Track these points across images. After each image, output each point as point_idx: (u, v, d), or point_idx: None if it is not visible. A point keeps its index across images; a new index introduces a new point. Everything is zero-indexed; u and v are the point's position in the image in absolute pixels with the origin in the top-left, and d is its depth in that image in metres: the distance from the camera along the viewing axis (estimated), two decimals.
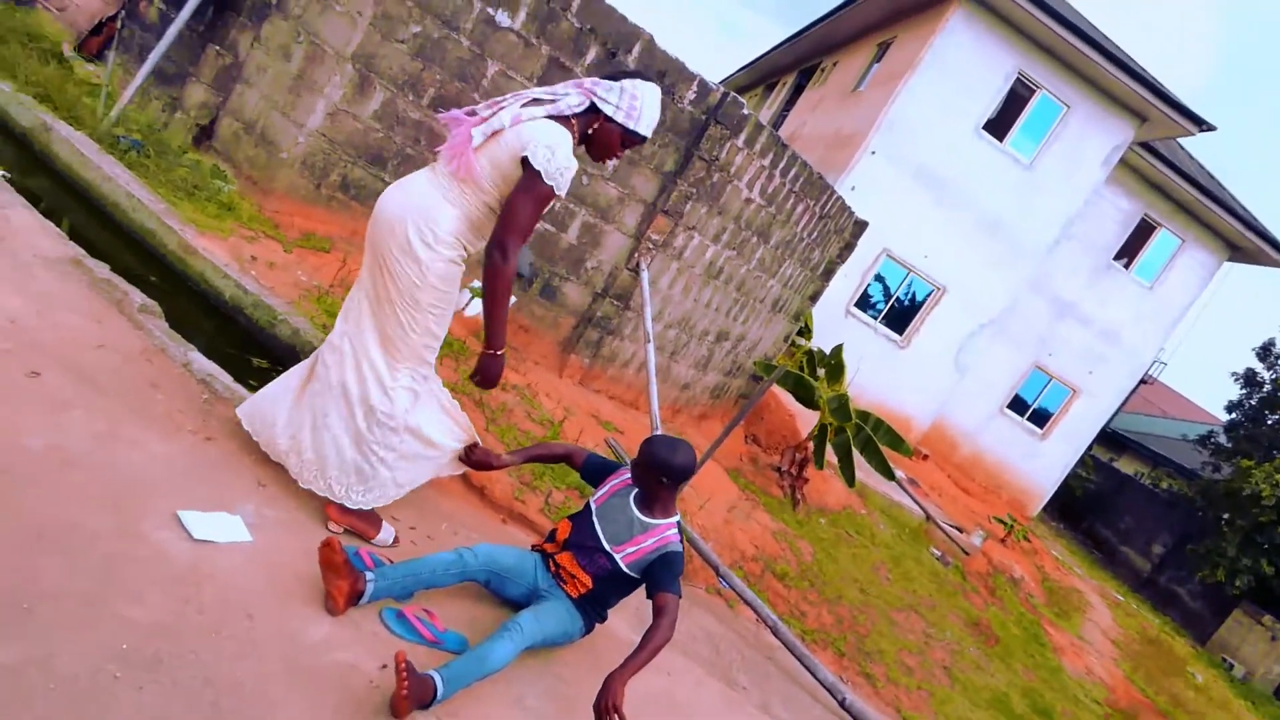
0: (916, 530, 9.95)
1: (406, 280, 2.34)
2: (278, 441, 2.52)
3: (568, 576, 2.70)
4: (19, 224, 3.02)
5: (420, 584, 2.46)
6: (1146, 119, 12.25)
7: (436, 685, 2.07)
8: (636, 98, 2.46)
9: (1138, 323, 15.35)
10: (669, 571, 2.59)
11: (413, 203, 2.33)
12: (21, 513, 1.85)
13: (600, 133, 2.47)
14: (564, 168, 2.31)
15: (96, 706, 1.55)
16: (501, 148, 2.31)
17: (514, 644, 2.34)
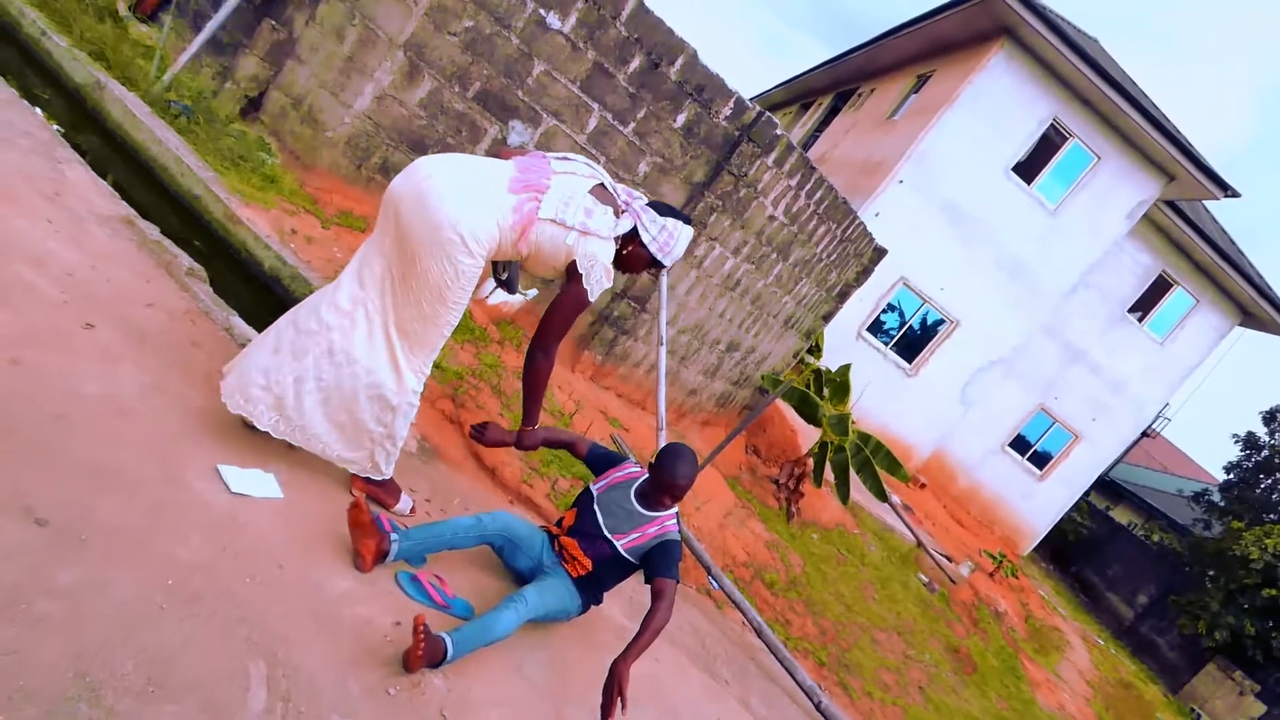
0: (906, 555, 10.06)
1: (439, 278, 2.38)
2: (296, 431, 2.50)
3: (569, 558, 2.86)
4: (74, 179, 3.19)
5: (441, 545, 2.64)
6: (1174, 178, 12.33)
7: (447, 647, 2.23)
8: (673, 237, 2.72)
9: (1145, 376, 15.41)
10: (667, 558, 2.76)
11: (464, 212, 2.35)
12: (78, 454, 2.01)
13: (632, 255, 2.71)
14: (601, 283, 2.59)
15: (145, 631, 1.71)
16: (563, 240, 2.50)
17: (518, 615, 2.50)
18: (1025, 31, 10.70)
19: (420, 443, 3.51)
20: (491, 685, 2.46)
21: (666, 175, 5.65)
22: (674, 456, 2.83)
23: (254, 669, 1.88)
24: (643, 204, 2.71)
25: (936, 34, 12.33)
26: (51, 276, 2.41)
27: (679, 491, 2.81)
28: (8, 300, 2.20)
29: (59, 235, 2.62)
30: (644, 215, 2.67)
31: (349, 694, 2.03)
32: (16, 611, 1.54)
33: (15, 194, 2.63)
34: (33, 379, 2.04)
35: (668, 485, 2.80)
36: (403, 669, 2.18)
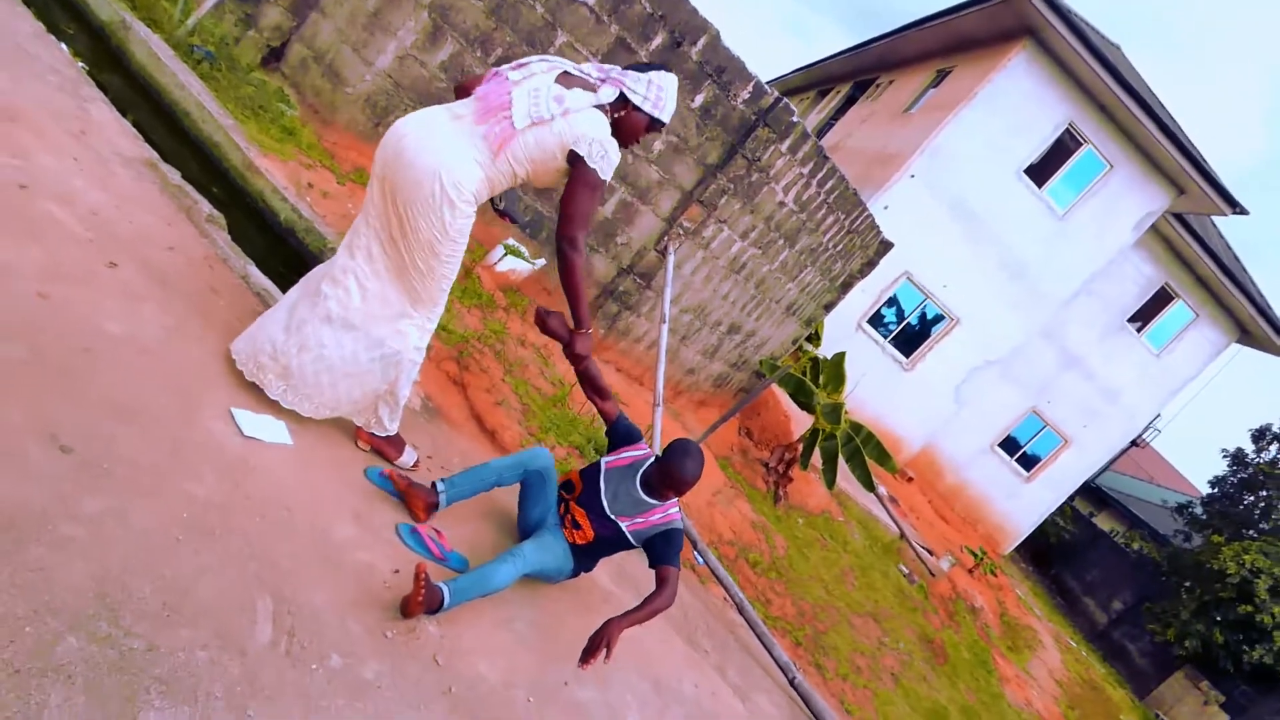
0: (889, 546, 10.22)
1: (428, 233, 2.41)
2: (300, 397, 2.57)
3: (573, 526, 2.94)
4: (99, 119, 3.23)
5: (487, 485, 2.82)
6: (1184, 191, 12.34)
7: (445, 596, 2.32)
8: (662, 89, 2.61)
9: (1139, 386, 15.52)
10: (671, 546, 2.84)
11: (443, 160, 2.35)
12: (101, 388, 2.08)
13: (627, 121, 2.60)
14: (612, 160, 2.47)
15: (162, 560, 1.79)
16: (550, 135, 2.41)
17: (515, 568, 2.59)
18: (1048, 34, 10.64)
19: (424, 402, 3.59)
20: (482, 636, 2.56)
21: (680, 155, 5.68)
22: (683, 454, 2.84)
23: (262, 603, 1.97)
24: (619, 71, 2.60)
25: (959, 29, 12.25)
26: (77, 214, 2.47)
27: (684, 488, 2.84)
28: (37, 235, 2.25)
29: (84, 174, 2.67)
30: (626, 78, 2.57)
31: (349, 633, 2.13)
32: (44, 533, 1.62)
33: (43, 129, 2.67)
34: (60, 312, 2.10)
35: (674, 481, 2.83)
36: (400, 614, 2.28)
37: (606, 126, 2.49)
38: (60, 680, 1.43)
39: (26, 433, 1.76)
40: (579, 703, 2.74)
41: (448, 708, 2.22)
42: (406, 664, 2.22)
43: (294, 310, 2.53)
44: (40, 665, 1.42)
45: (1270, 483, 18.81)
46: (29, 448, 1.74)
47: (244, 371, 2.52)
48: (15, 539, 1.55)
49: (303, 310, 2.50)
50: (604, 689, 2.90)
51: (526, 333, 5.28)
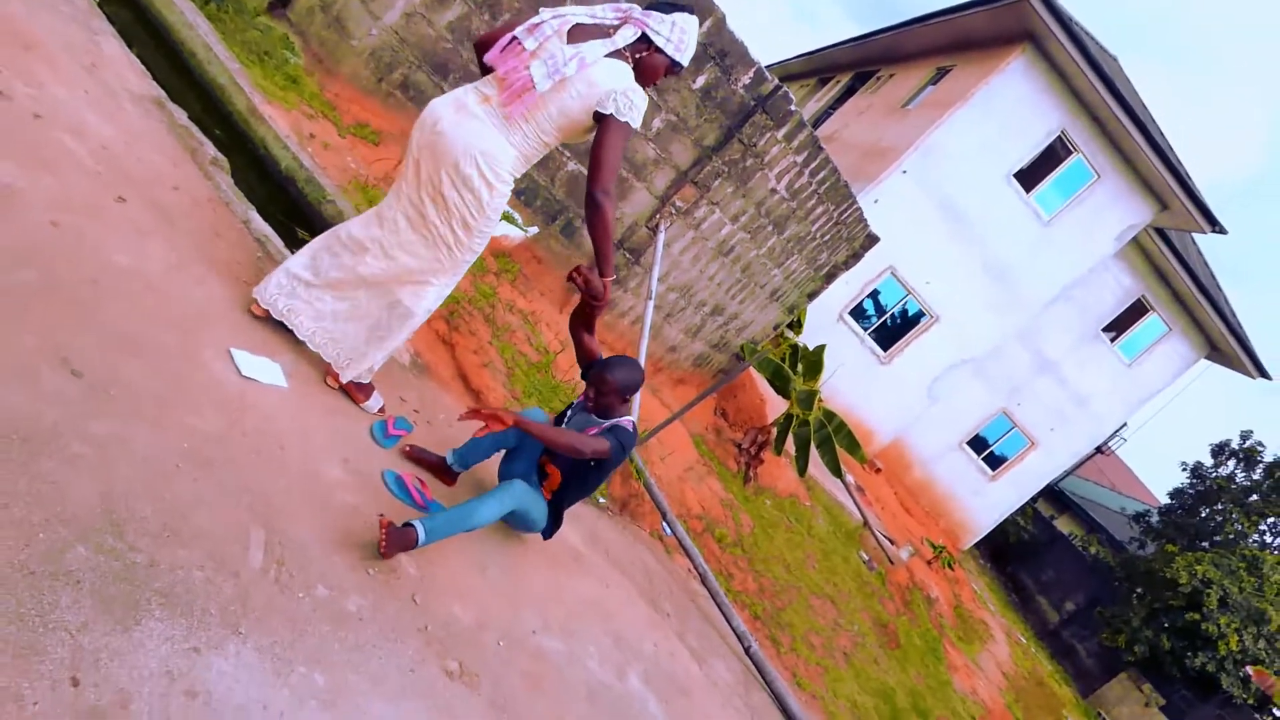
0: (852, 533, 10.48)
1: (463, 209, 2.51)
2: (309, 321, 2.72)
3: (545, 476, 3.08)
4: (110, 54, 3.26)
5: (486, 453, 2.99)
6: (1167, 207, 12.58)
7: (419, 535, 2.42)
8: (685, 31, 2.59)
9: (1109, 394, 15.89)
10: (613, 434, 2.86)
11: (476, 141, 2.44)
12: (109, 319, 2.16)
13: (647, 63, 2.56)
14: (638, 106, 2.47)
15: (163, 484, 1.89)
16: (572, 97, 2.43)
17: (500, 503, 2.67)
18: (1048, 40, 10.76)
19: (413, 358, 3.68)
20: (457, 579, 2.69)
21: (678, 134, 5.76)
22: (613, 359, 2.91)
23: (254, 533, 2.08)
24: (640, 10, 2.56)
25: (962, 29, 12.33)
26: (88, 147, 2.52)
27: (605, 387, 2.84)
28: (51, 165, 2.31)
29: (95, 108, 2.72)
30: (650, 19, 2.52)
31: (334, 567, 2.25)
32: (56, 449, 1.71)
33: (56, 60, 2.71)
34: (70, 242, 2.18)
35: (598, 380, 2.86)
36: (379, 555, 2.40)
37: (628, 73, 2.48)
38: (69, 584, 1.54)
39: (39, 355, 1.84)
40: (543, 650, 2.88)
41: (422, 643, 2.35)
42: (386, 600, 2.35)
43: (320, 258, 2.66)
44: (52, 569, 1.53)
45: (1226, 497, 19.40)
46: (42, 369, 1.83)
47: (270, 310, 2.67)
48: (30, 451, 1.65)
49: (333, 259, 2.63)
50: (568, 639, 3.05)
51: (515, 299, 5.37)
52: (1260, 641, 14.76)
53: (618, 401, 2.90)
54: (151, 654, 1.60)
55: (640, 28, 2.51)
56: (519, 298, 5.30)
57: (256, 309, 2.71)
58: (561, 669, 2.89)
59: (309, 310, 2.68)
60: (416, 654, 2.30)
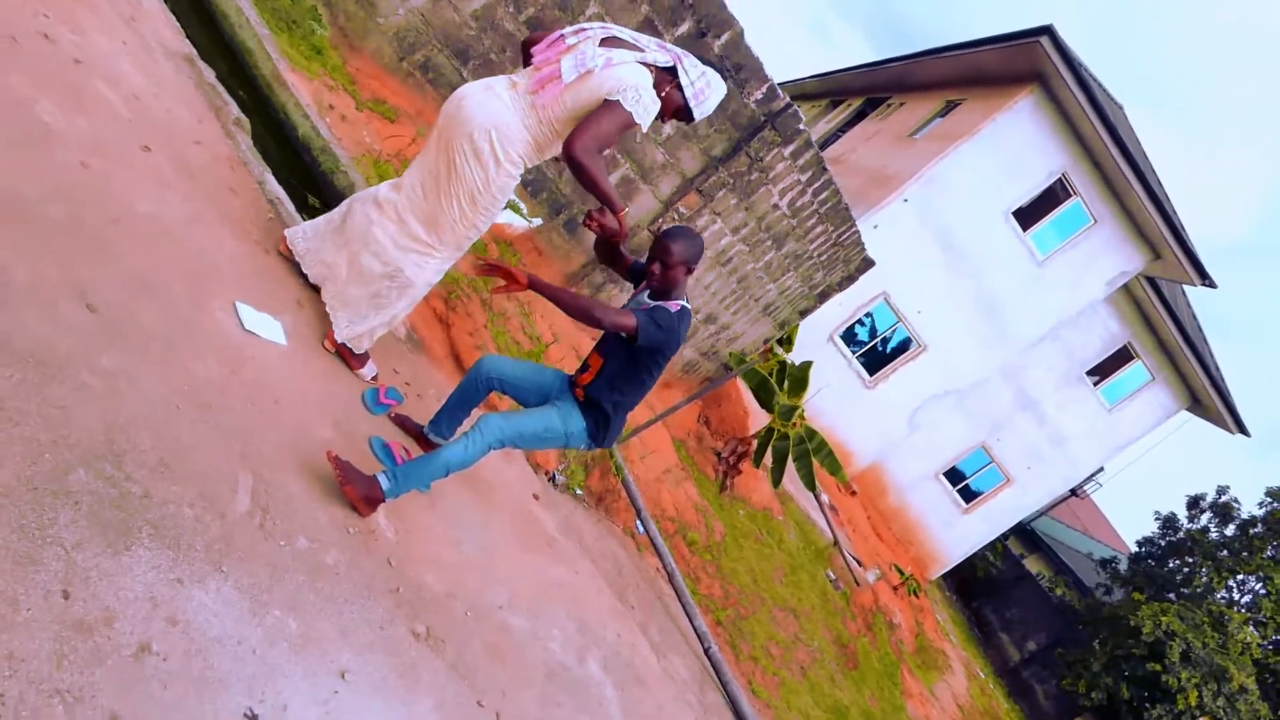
0: (821, 551, 10.60)
1: (470, 181, 2.62)
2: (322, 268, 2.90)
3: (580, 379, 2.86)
4: (148, 8, 3.34)
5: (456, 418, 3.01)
6: (1160, 256, 12.79)
7: (381, 487, 2.46)
8: (710, 87, 2.72)
9: (1087, 437, 16.08)
10: (649, 315, 2.65)
11: (493, 118, 2.56)
12: (126, 260, 2.24)
13: (666, 96, 2.66)
14: (648, 106, 2.56)
15: (163, 422, 1.98)
16: (590, 88, 2.54)
17: (469, 443, 2.58)
18: (1057, 83, 10.95)
19: (409, 333, 3.77)
20: (433, 549, 2.78)
21: (688, 142, 5.87)
22: (673, 228, 2.77)
23: (243, 479, 2.16)
24: (683, 51, 2.68)
25: (974, 64, 12.54)
26: (121, 96, 2.60)
27: (665, 255, 2.68)
28: (86, 109, 2.40)
29: (131, 59, 2.80)
30: (685, 59, 2.65)
31: (316, 521, 2.33)
32: (67, 376, 1.80)
33: (98, 9, 2.79)
34: (97, 184, 2.26)
35: (658, 249, 2.71)
36: (355, 512, 2.48)
37: (648, 77, 2.58)
38: (69, 504, 1.62)
39: (60, 286, 1.93)
40: (508, 626, 2.97)
41: (393, 604, 2.44)
42: (363, 559, 2.43)
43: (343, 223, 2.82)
44: (55, 488, 1.61)
45: (1197, 550, 19.56)
46: (60, 300, 1.91)
47: (302, 264, 2.89)
48: (44, 376, 1.73)
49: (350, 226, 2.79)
50: (534, 619, 3.13)
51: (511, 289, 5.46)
52: (1220, 699, 14.86)
53: (682, 274, 2.74)
54: (138, 579, 1.68)
55: (675, 61, 2.65)
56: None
57: (284, 247, 2.90)
58: (524, 645, 2.98)
59: (321, 262, 2.83)
60: (387, 613, 2.39)
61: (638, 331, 2.58)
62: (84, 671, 1.43)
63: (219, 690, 1.68)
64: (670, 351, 2.76)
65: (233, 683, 1.72)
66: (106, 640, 1.51)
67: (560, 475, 4.67)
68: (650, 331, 2.61)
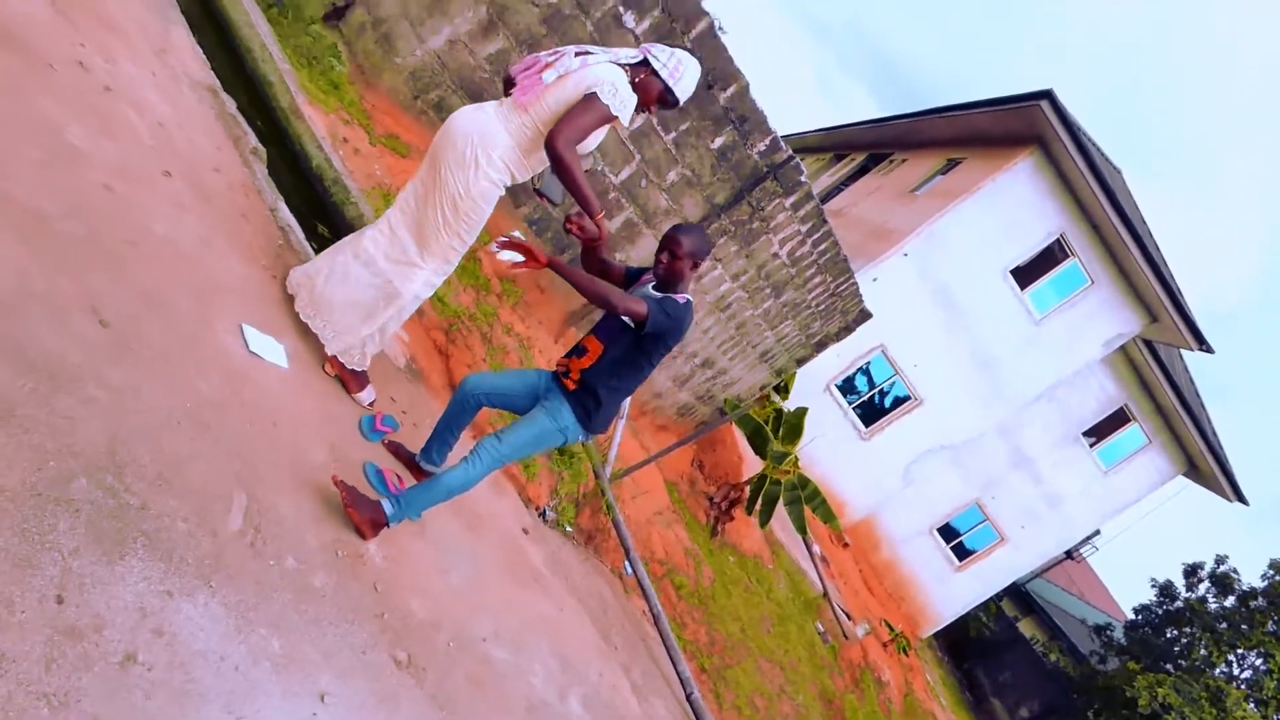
0: (810, 602, 10.51)
1: (452, 187, 2.73)
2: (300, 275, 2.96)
3: (573, 364, 2.85)
4: (177, 41, 3.48)
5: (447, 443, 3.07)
6: (1157, 320, 12.92)
7: (385, 509, 2.55)
8: (682, 64, 2.82)
9: (1082, 499, 16.02)
10: (658, 303, 2.71)
11: (477, 125, 2.71)
12: (139, 278, 2.32)
13: (643, 83, 2.79)
14: (625, 100, 2.69)
15: (163, 437, 2.03)
16: (568, 88, 2.68)
17: (469, 467, 2.66)
18: (1056, 147, 11.21)
19: (409, 363, 3.84)
20: (420, 577, 2.80)
21: (691, 189, 6.01)
22: (681, 225, 2.85)
23: (237, 497, 2.20)
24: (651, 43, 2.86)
25: (975, 125, 12.85)
26: (147, 123, 2.71)
27: (674, 247, 2.76)
28: (113, 133, 2.50)
29: (158, 88, 2.92)
30: (654, 48, 2.81)
31: (305, 543, 2.36)
32: (75, 388, 1.86)
33: (132, 41, 2.92)
34: (118, 205, 2.35)
35: (668, 242, 2.79)
36: (356, 535, 2.52)
37: (620, 73, 2.71)
38: (69, 511, 1.67)
39: (74, 301, 2.00)
40: (491, 658, 2.97)
41: (377, 629, 2.46)
42: (350, 583, 2.46)
43: (338, 250, 2.90)
44: (57, 495, 1.66)
45: (1195, 621, 19.23)
46: (74, 314, 1.98)
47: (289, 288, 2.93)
48: (53, 386, 1.79)
49: (344, 248, 2.88)
50: (517, 653, 3.14)
51: (514, 322, 5.55)
52: None
53: (688, 269, 2.81)
54: (130, 589, 1.71)
55: (643, 53, 2.82)
56: (518, 322, 5.47)
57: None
58: (505, 678, 2.98)
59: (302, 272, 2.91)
60: (370, 638, 2.40)
61: (647, 318, 2.65)
62: (71, 676, 1.46)
63: (199, 704, 1.70)
64: (674, 341, 2.82)
65: (212, 698, 1.74)
66: (95, 647, 1.54)
67: (551, 511, 4.69)
68: (659, 319, 2.68)
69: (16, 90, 2.35)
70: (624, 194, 5.92)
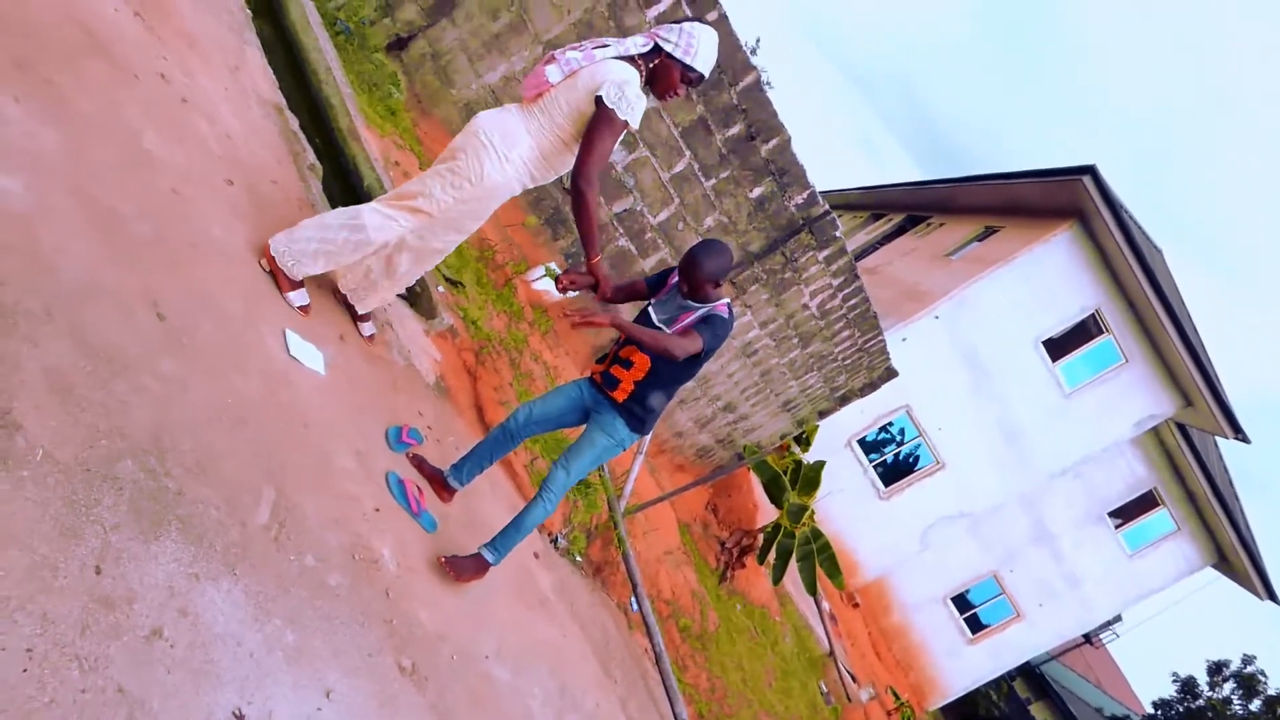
0: (816, 660, 10.33)
1: (465, 171, 2.70)
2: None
3: (621, 374, 2.93)
4: (250, 60, 3.70)
5: (480, 466, 3.20)
6: (1192, 404, 12.69)
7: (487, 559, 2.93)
8: (693, 36, 2.69)
9: (1104, 582, 15.60)
10: (707, 324, 2.80)
11: (499, 125, 2.70)
12: (197, 279, 2.46)
13: (660, 69, 2.72)
14: (633, 102, 2.63)
15: (204, 429, 2.14)
16: (577, 87, 2.65)
17: (546, 504, 2.98)
18: (1096, 222, 11.20)
19: (438, 380, 3.95)
20: (430, 589, 2.87)
21: (727, 235, 6.14)
22: (698, 246, 2.80)
23: (266, 492, 2.30)
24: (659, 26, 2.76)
25: (1016, 195, 12.89)
26: (216, 134, 2.89)
27: (696, 277, 2.77)
28: (184, 141, 2.68)
29: (229, 102, 3.11)
30: (661, 29, 2.71)
31: (325, 543, 2.45)
32: (130, 375, 1.98)
33: (209, 58, 3.13)
34: (183, 208, 2.50)
35: (685, 270, 2.79)
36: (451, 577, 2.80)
37: (630, 72, 2.65)
38: (114, 488, 1.77)
39: (138, 295, 2.13)
40: (492, 676, 3.01)
41: (384, 634, 2.52)
42: (363, 586, 2.53)
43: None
44: (104, 472, 1.77)
45: None
46: (136, 307, 2.11)
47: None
48: (112, 372, 1.91)
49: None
50: (517, 673, 3.17)
51: (543, 351, 5.67)
52: None
53: (711, 288, 2.82)
54: (161, 568, 1.81)
55: (651, 38, 2.74)
56: (546, 350, 5.59)
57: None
58: (504, 697, 3.01)
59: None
60: (378, 642, 2.47)
61: (704, 348, 2.77)
62: (102, 643, 1.55)
63: (214, 685, 1.78)
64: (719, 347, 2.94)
65: (227, 680, 1.82)
66: (125, 619, 1.63)
67: (563, 538, 4.74)
68: (712, 342, 2.80)
69: (104, 96, 2.53)
70: (660, 235, 6.06)
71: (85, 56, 2.50)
